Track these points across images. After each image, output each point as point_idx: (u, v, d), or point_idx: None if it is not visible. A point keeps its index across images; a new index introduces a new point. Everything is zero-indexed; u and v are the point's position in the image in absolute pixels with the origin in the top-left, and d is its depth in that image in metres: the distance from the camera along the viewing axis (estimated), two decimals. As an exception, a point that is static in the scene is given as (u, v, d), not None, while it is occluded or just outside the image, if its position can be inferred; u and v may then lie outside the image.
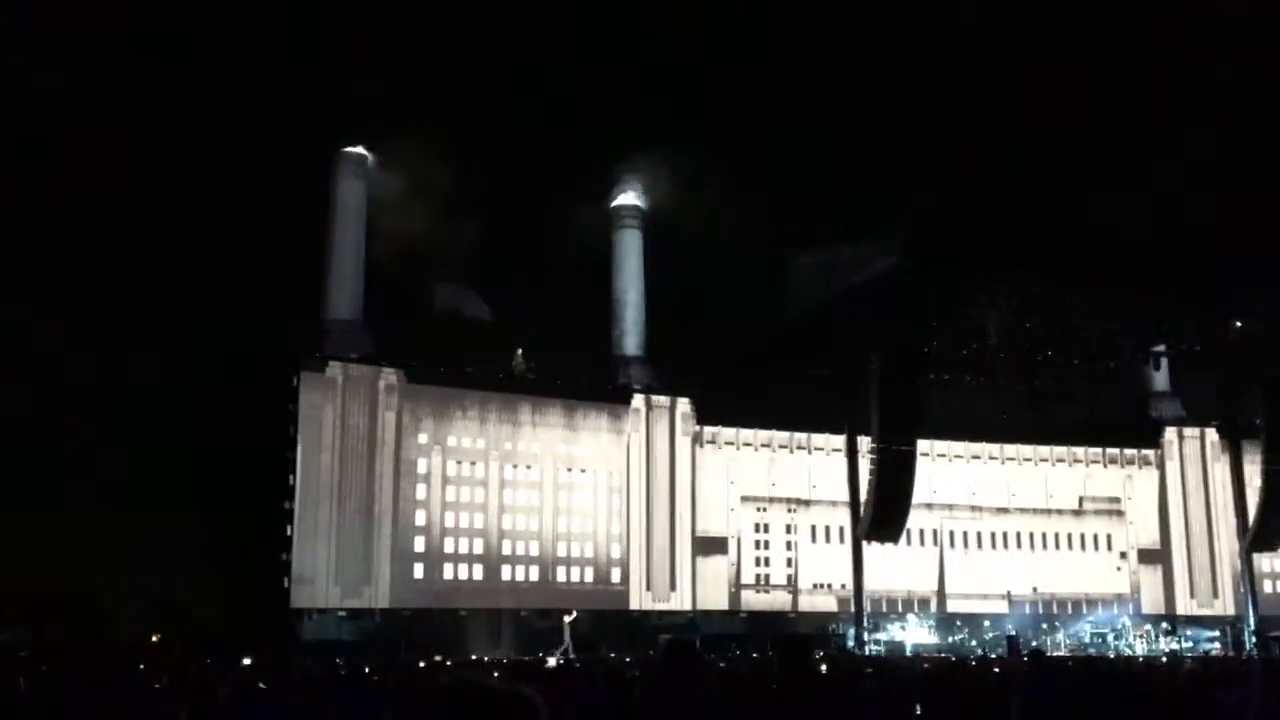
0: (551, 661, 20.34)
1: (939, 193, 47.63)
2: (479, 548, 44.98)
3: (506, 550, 45.59)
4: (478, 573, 44.74)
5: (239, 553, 40.81)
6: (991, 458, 53.13)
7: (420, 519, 44.01)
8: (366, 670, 18.56)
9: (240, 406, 41.29)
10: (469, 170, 45.92)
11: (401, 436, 44.03)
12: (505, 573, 45.33)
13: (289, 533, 40.67)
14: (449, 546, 44.40)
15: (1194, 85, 52.37)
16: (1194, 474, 53.98)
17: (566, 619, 43.09)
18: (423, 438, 44.70)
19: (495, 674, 16.21)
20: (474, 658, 36.87)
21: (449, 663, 29.69)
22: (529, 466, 46.73)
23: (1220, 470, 52.97)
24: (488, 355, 47.93)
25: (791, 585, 50.27)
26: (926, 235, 41.29)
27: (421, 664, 29.54)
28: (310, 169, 47.11)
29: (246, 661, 28.36)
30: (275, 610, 39.96)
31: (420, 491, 44.22)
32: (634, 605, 47.05)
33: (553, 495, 46.95)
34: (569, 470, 47.53)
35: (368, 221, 47.02)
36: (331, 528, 41.58)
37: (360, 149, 47.58)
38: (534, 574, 45.82)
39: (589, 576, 46.92)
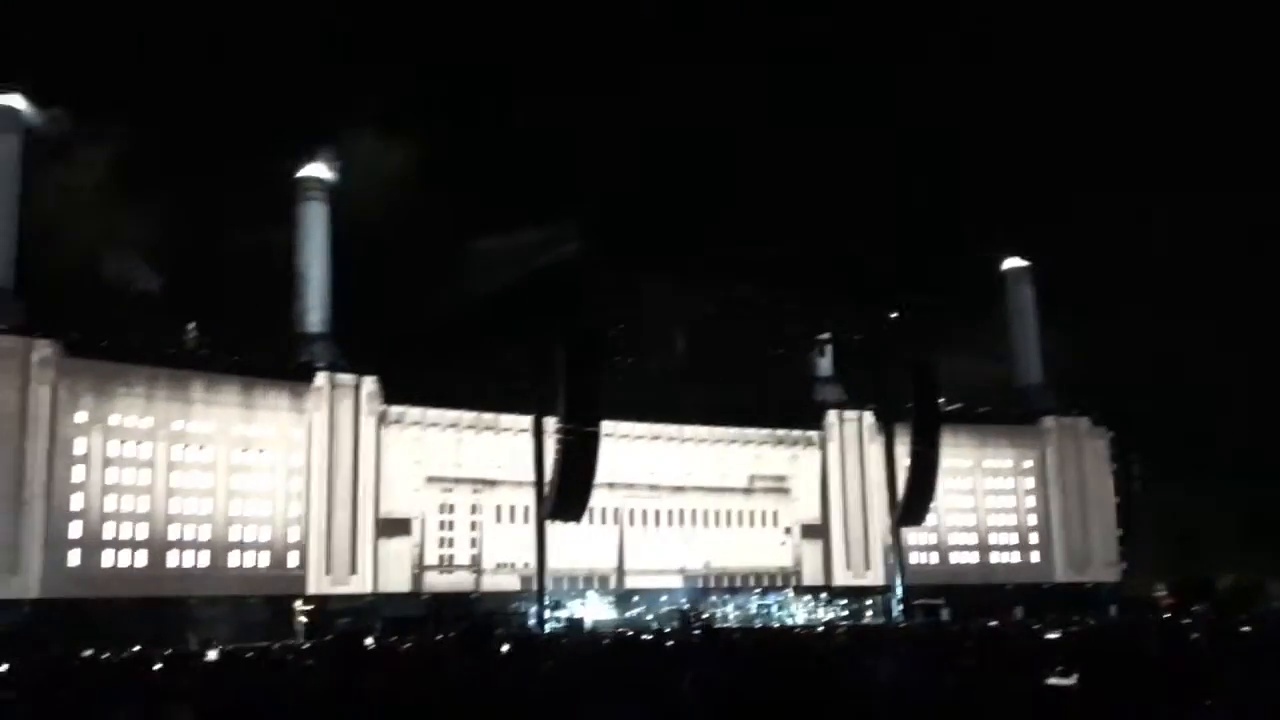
0: (213, 654, 19.43)
1: (623, 182, 48.82)
2: (143, 533, 42.47)
3: (174, 535, 43.30)
4: (141, 559, 42.24)
5: None
6: (670, 438, 55.06)
7: (77, 503, 41.01)
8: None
9: None
10: (143, 132, 43.25)
11: (57, 414, 40.82)
12: (172, 559, 43.06)
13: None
14: (109, 532, 41.65)
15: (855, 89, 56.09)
16: (852, 454, 57.99)
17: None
18: (81, 415, 41.62)
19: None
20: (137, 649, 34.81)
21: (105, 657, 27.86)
22: (201, 447, 44.53)
23: (875, 450, 57.09)
24: (157, 329, 45.26)
25: (475, 565, 50.38)
26: (611, 224, 42.35)
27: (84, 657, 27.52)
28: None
29: None
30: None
31: (78, 473, 41.21)
32: (312, 589, 45.81)
33: (226, 477, 44.96)
34: (244, 451, 45.65)
35: (27, 181, 43.24)
36: (-27, 513, 38.13)
37: (13, 98, 43.61)
38: (204, 560, 43.77)
39: (264, 561, 45.30)
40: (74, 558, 40.63)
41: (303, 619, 43.99)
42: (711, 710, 8.63)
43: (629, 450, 53.16)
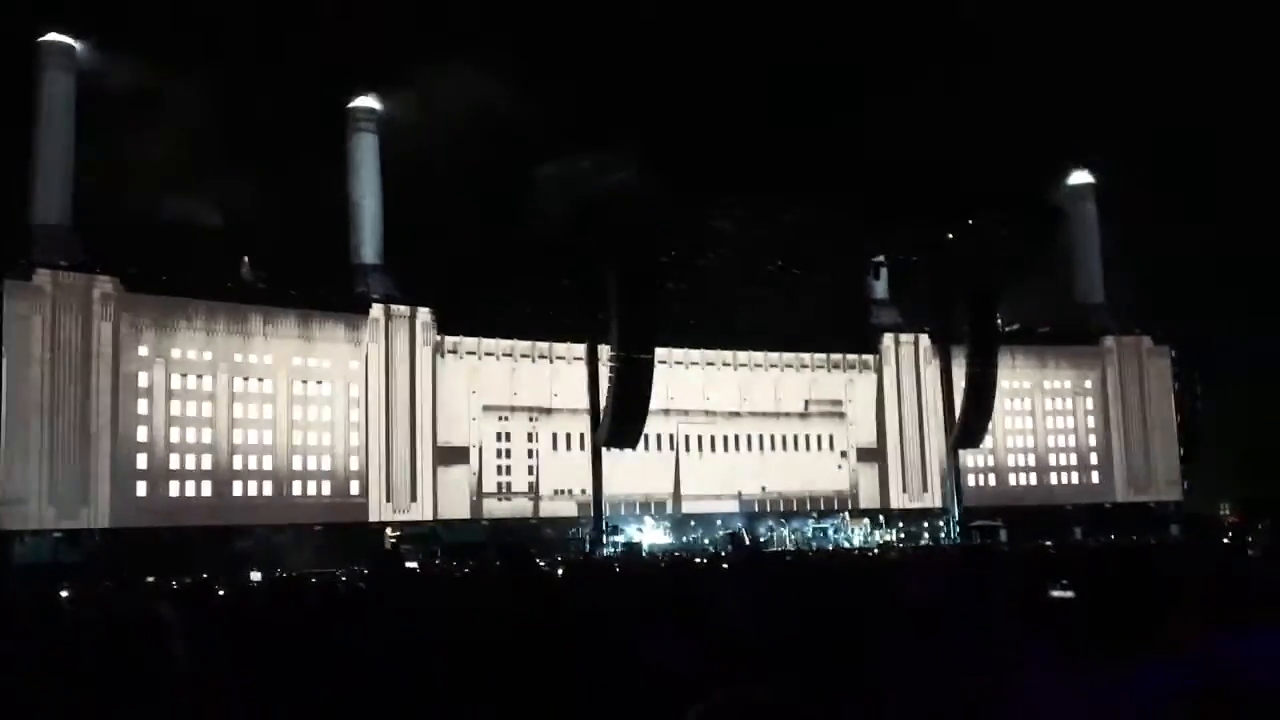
0: (256, 575, 19.81)
1: (675, 105, 48.18)
2: (207, 463, 43.40)
3: (238, 465, 44.20)
4: (206, 489, 43.23)
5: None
6: (725, 364, 55.05)
7: (142, 435, 41.94)
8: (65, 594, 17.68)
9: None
10: (194, 66, 43.30)
11: (120, 349, 41.62)
12: (237, 488, 44.01)
13: (-6, 453, 37.99)
14: (175, 463, 42.59)
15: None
16: (908, 378, 57.64)
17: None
18: (143, 350, 42.43)
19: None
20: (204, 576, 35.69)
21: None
22: (261, 379, 45.26)
23: (931, 374, 56.81)
24: (215, 263, 45.78)
25: (533, 492, 51.01)
26: (662, 149, 42.02)
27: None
28: (10, 60, 43.24)
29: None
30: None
31: (142, 406, 42.10)
32: (374, 517, 46.67)
33: (287, 408, 45.70)
34: (304, 382, 46.33)
35: (82, 120, 43.66)
36: (43, 445, 39.14)
37: (68, 39, 43.96)
38: (267, 489, 44.67)
39: (326, 490, 46.15)
40: (141, 489, 41.65)
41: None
42: (751, 622, 8.71)
43: (684, 376, 53.34)
